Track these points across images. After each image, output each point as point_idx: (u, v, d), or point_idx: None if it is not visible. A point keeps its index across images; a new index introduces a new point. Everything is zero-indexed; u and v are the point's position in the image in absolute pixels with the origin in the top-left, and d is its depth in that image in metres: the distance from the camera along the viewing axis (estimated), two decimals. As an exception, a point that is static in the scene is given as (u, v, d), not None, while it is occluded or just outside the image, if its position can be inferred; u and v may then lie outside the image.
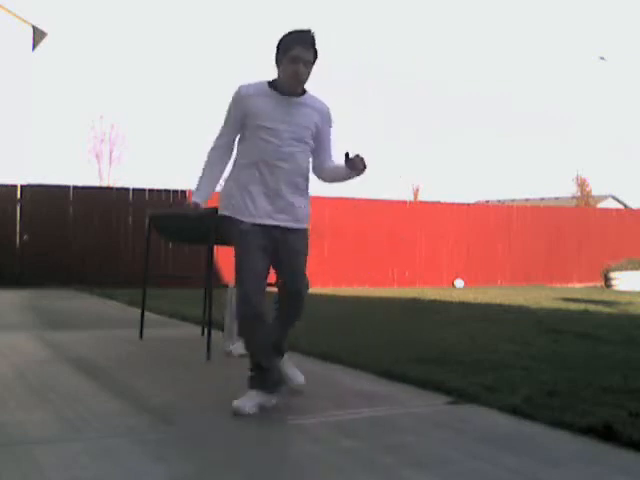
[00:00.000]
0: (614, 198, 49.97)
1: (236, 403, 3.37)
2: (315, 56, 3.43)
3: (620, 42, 63.28)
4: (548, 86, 72.58)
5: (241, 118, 3.45)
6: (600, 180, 67.10)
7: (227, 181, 3.55)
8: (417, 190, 42.74)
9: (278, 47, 3.42)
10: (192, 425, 3.20)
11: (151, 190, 14.14)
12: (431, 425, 3.23)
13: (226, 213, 3.50)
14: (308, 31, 3.40)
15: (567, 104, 74.39)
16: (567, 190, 44.64)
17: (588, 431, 3.02)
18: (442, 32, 74.37)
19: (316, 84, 3.61)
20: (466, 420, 3.31)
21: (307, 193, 3.59)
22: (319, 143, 3.57)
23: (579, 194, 42.74)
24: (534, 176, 73.75)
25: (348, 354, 4.80)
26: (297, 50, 3.35)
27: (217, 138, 3.55)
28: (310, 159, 3.59)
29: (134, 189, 14.09)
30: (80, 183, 14.18)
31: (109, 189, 15.63)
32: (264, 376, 3.47)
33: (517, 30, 77.15)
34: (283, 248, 3.49)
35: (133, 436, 2.97)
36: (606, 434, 2.96)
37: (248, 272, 3.41)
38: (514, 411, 3.37)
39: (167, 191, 14.21)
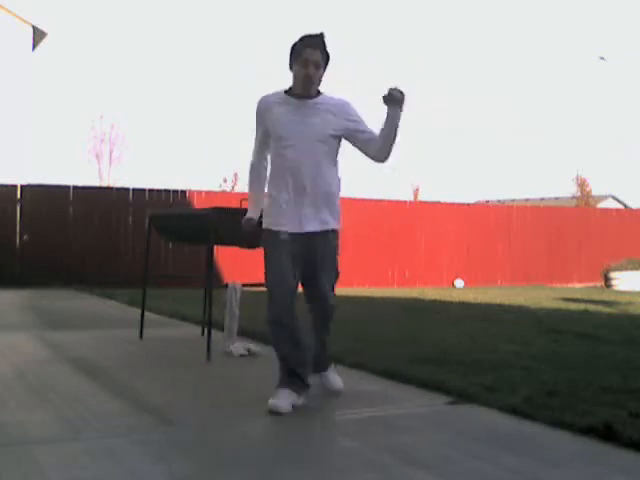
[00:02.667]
0: (614, 198, 49.95)
1: (272, 402, 3.38)
2: (326, 58, 3.50)
3: (620, 42, 63.29)
4: (548, 86, 72.60)
5: (265, 129, 3.56)
6: (600, 180, 67.12)
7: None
8: (417, 190, 42.75)
9: (290, 53, 3.51)
10: (192, 425, 3.20)
11: (151, 190, 14.14)
12: (431, 425, 3.23)
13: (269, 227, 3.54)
14: (317, 34, 3.47)
15: (567, 104, 74.42)
16: (567, 190, 44.65)
17: (588, 431, 3.02)
18: (443, 32, 74.39)
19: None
20: (466, 420, 3.31)
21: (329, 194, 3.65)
22: (352, 133, 3.57)
23: (579, 194, 42.68)
24: (534, 176, 73.77)
25: (348, 354, 4.79)
26: (306, 53, 3.43)
27: (253, 154, 3.66)
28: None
29: (134, 189, 14.09)
30: (80, 183, 14.20)
31: (109, 189, 15.63)
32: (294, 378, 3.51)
33: (518, 30, 77.16)
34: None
35: (133, 436, 2.97)
36: (606, 434, 2.96)
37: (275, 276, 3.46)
38: (514, 411, 3.37)
39: (167, 191, 14.21)
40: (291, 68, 3.51)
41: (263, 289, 3.53)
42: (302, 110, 3.50)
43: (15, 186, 13.30)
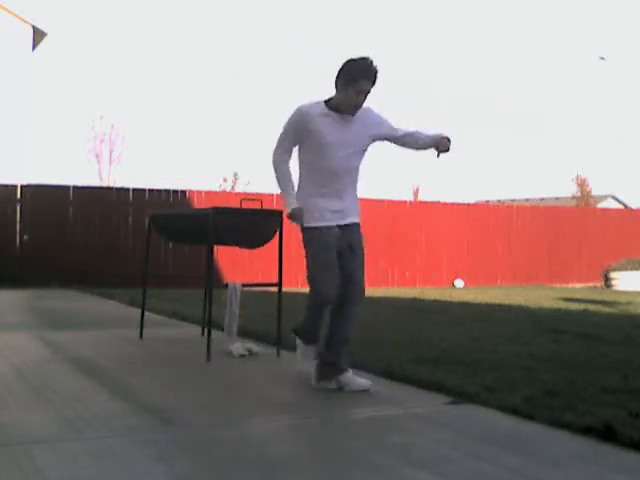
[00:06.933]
0: (614, 198, 49.95)
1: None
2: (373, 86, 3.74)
3: (620, 42, 63.30)
4: (548, 86, 72.61)
5: (302, 135, 3.75)
6: (600, 180, 67.10)
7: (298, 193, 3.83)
8: (417, 190, 42.77)
9: (342, 72, 3.69)
10: (192, 425, 3.20)
11: (151, 190, 14.14)
12: (431, 425, 3.23)
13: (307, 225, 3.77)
14: (372, 64, 3.67)
15: (567, 104, 74.42)
16: (567, 190, 44.65)
17: (588, 431, 3.02)
18: (442, 31, 74.44)
19: (318, 83, 3.68)
20: (466, 420, 3.31)
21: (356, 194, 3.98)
22: (384, 135, 3.91)
23: (579, 194, 42.68)
24: (534, 176, 73.79)
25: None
26: (362, 84, 3.66)
27: (279, 149, 3.82)
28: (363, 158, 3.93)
29: (134, 189, 14.08)
30: (80, 183, 14.16)
31: (109, 189, 15.61)
32: None
33: (518, 30, 77.21)
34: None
35: (133, 436, 2.97)
36: (606, 434, 2.96)
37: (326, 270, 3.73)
38: (514, 411, 3.37)
39: (167, 191, 14.21)
40: (338, 85, 3.70)
41: (263, 289, 3.54)
42: (344, 124, 3.76)
43: (15, 186, 13.29)
